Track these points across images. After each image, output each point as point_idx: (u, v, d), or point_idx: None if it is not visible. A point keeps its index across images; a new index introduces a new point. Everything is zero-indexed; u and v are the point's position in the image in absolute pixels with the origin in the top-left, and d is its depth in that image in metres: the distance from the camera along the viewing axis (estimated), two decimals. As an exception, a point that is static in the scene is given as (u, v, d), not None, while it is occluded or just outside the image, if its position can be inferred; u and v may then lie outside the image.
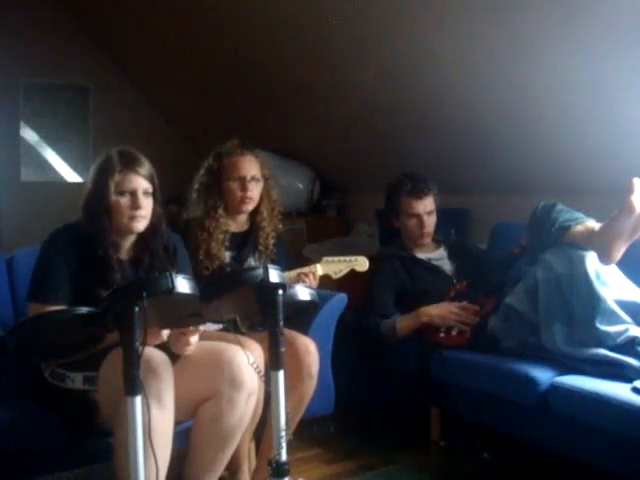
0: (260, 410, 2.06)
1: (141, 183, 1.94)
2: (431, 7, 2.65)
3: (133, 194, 1.93)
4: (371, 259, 2.45)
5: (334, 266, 2.37)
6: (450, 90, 3.00)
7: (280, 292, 1.56)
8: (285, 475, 1.55)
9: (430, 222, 2.78)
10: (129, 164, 1.94)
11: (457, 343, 2.50)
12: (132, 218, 1.94)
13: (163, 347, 1.85)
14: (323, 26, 3.18)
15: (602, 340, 2.13)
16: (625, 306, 2.17)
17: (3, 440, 1.81)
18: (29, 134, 4.86)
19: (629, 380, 2.03)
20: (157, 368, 1.73)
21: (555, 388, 2.11)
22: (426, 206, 2.76)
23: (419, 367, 2.55)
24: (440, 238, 2.91)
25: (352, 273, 2.41)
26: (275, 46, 3.55)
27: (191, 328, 1.82)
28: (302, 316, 1.87)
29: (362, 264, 2.41)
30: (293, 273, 2.29)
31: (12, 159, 4.79)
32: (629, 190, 2.06)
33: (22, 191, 4.80)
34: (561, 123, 2.76)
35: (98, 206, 1.93)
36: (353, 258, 2.41)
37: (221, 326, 2.11)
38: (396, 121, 3.43)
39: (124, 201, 1.93)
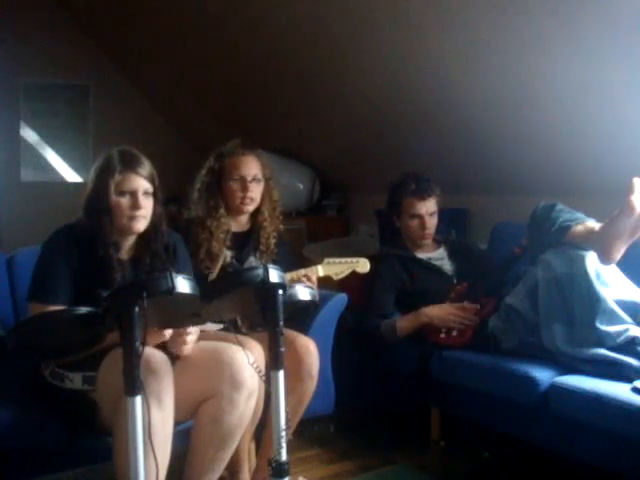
0: (260, 410, 2.06)
1: (141, 183, 1.94)
2: (432, 8, 2.65)
3: (133, 194, 1.93)
4: (371, 259, 2.45)
5: (335, 267, 2.37)
6: (450, 90, 3.00)
7: (280, 292, 1.56)
8: (285, 475, 1.55)
9: (432, 223, 2.78)
10: (129, 164, 1.94)
11: (457, 343, 2.50)
12: (132, 218, 1.94)
13: (163, 347, 1.85)
14: (324, 27, 3.19)
15: (602, 340, 2.13)
16: (625, 306, 2.17)
17: (3, 440, 1.81)
18: (29, 134, 4.86)
19: (629, 380, 2.03)
20: (157, 368, 1.73)
21: (555, 388, 2.12)
22: (428, 207, 2.76)
23: (419, 367, 2.55)
24: (440, 238, 2.91)
25: (352, 273, 2.41)
26: (275, 47, 3.55)
27: (187, 329, 1.83)
28: (302, 316, 1.87)
29: (363, 265, 2.41)
30: (294, 275, 2.28)
31: (12, 159, 4.80)
32: (629, 190, 2.06)
33: (22, 191, 4.80)
34: (561, 123, 2.76)
35: (98, 206, 1.93)
36: (354, 259, 2.40)
37: (221, 326, 2.11)
38: (396, 121, 3.43)
39: (124, 201, 1.93)
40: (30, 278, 1.94)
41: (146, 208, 1.95)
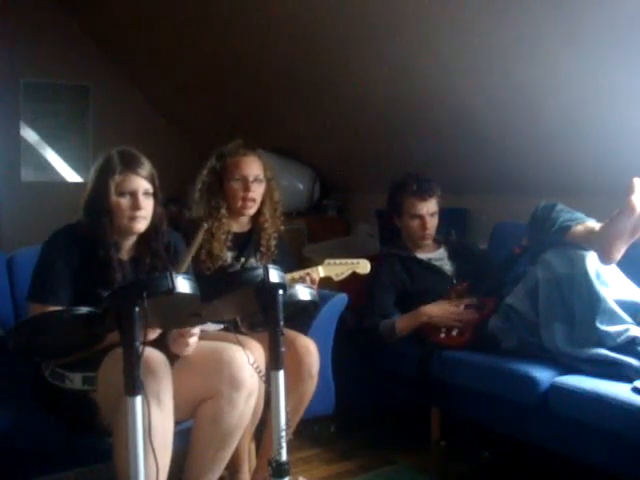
0: (260, 410, 2.07)
1: (141, 184, 1.94)
2: (431, 7, 2.65)
3: (133, 195, 1.93)
4: (371, 259, 2.45)
5: (336, 268, 2.37)
6: (450, 90, 3.00)
7: (280, 292, 1.56)
8: (285, 475, 1.55)
9: (432, 224, 2.78)
10: (129, 165, 1.94)
11: (458, 343, 2.50)
12: (132, 219, 1.93)
13: (162, 347, 1.85)
14: (323, 26, 3.19)
15: (602, 340, 2.13)
16: (625, 306, 2.17)
17: (3, 440, 1.81)
18: (29, 134, 4.86)
19: (629, 380, 2.03)
20: (156, 369, 1.73)
21: (555, 388, 2.11)
22: (429, 208, 2.76)
23: (419, 367, 2.55)
24: (441, 238, 2.91)
25: (353, 274, 2.41)
26: (275, 46, 3.55)
27: (190, 331, 1.83)
28: (302, 316, 1.87)
29: (364, 267, 2.41)
30: (296, 275, 2.28)
31: (12, 159, 4.80)
32: (629, 190, 2.06)
33: (22, 191, 4.80)
34: (561, 123, 2.76)
35: (98, 207, 1.93)
36: (355, 260, 2.40)
37: (221, 326, 2.11)
38: (396, 121, 3.43)
39: (124, 202, 1.92)
40: (30, 278, 1.94)
41: (146, 208, 1.95)
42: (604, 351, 2.12)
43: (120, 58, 4.99)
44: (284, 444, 1.56)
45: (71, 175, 4.99)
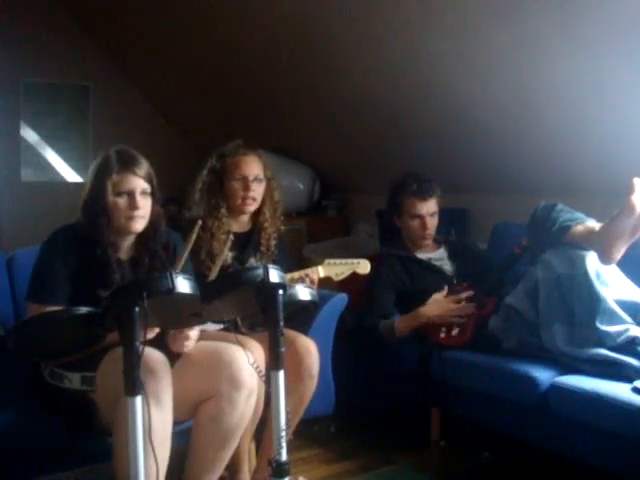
0: (260, 410, 2.07)
1: (139, 183, 1.94)
2: (432, 8, 2.65)
3: (131, 195, 1.92)
4: (371, 259, 2.46)
5: (336, 268, 2.37)
6: (450, 90, 3.00)
7: (280, 292, 1.56)
8: (285, 475, 1.55)
9: (433, 224, 2.78)
10: (127, 165, 1.93)
11: (458, 343, 2.50)
12: (130, 219, 1.93)
13: (162, 347, 1.85)
14: (324, 26, 3.19)
15: (602, 340, 2.14)
16: (625, 306, 2.17)
17: (3, 440, 1.81)
18: (29, 134, 4.86)
19: (629, 380, 2.03)
20: (155, 368, 1.73)
21: (555, 388, 2.12)
22: (429, 208, 2.76)
23: (419, 367, 2.55)
24: (441, 238, 2.91)
25: (353, 274, 2.41)
26: (275, 46, 3.55)
27: None
28: (302, 316, 1.87)
29: (364, 267, 2.41)
30: (295, 275, 2.28)
31: (12, 159, 4.80)
32: (629, 190, 2.06)
33: (22, 191, 4.80)
34: (561, 123, 2.76)
35: (96, 207, 1.93)
36: (355, 261, 2.40)
37: (222, 326, 2.11)
38: (396, 121, 3.43)
39: (122, 202, 1.92)
40: (29, 278, 1.94)
41: (144, 208, 1.95)
42: (604, 351, 2.12)
43: (120, 58, 4.98)
44: (284, 444, 1.56)
45: (71, 175, 4.99)
